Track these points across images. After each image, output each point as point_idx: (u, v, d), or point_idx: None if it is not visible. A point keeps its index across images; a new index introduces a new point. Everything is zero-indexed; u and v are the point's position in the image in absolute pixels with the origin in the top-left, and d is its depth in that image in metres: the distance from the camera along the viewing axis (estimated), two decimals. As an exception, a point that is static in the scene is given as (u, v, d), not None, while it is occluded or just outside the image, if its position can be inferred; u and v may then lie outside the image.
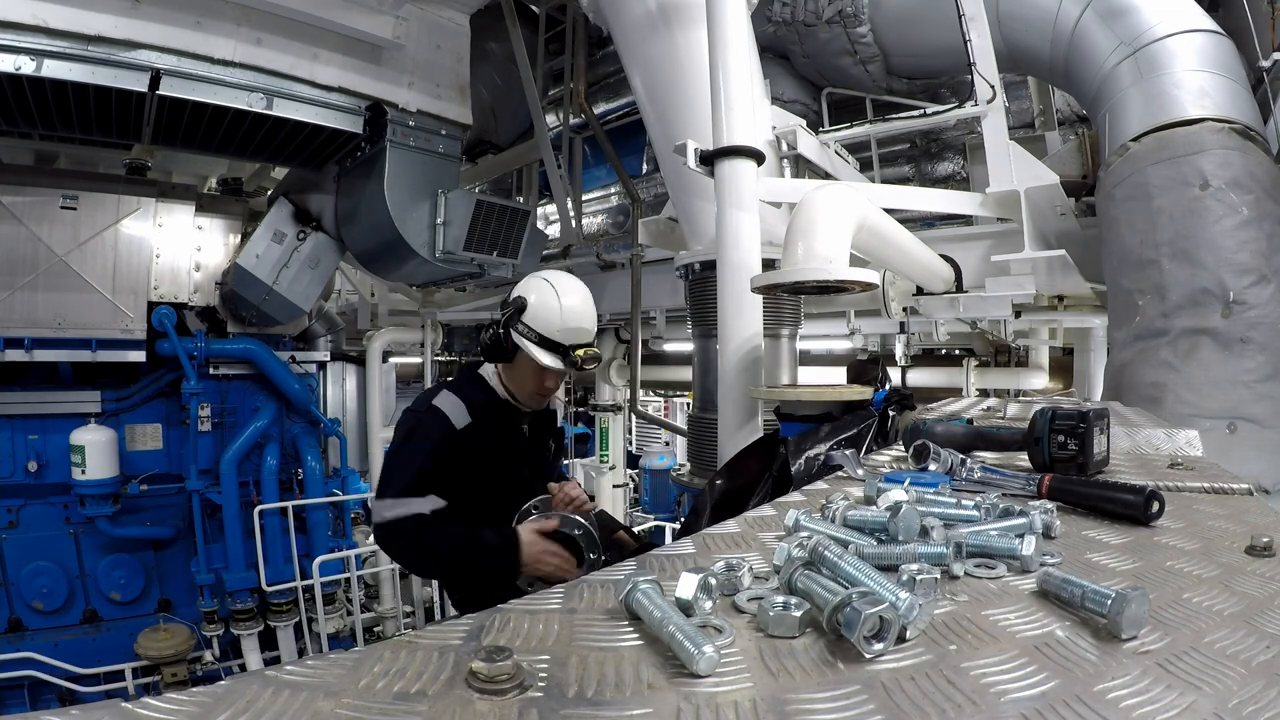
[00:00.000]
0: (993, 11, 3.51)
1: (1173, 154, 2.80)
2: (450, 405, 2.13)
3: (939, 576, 0.71)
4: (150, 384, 6.44)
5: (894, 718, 0.49)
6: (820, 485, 1.31)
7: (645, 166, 7.27)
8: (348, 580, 6.74)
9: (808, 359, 6.56)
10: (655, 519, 10.42)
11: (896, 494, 1.00)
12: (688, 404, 11.20)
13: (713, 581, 0.69)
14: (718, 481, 2.10)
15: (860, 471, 1.34)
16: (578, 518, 2.09)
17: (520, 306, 2.15)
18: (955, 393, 5.73)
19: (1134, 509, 0.99)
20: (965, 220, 4.26)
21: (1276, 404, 2.60)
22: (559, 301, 2.15)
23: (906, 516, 0.85)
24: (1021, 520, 0.91)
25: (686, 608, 0.66)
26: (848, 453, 1.42)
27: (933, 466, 1.28)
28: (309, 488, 6.94)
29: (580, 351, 2.16)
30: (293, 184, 6.05)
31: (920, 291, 3.91)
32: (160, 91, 3.99)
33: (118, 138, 4.71)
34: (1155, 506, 0.98)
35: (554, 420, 2.53)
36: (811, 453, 1.81)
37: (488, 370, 2.29)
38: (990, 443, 1.46)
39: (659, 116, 3.43)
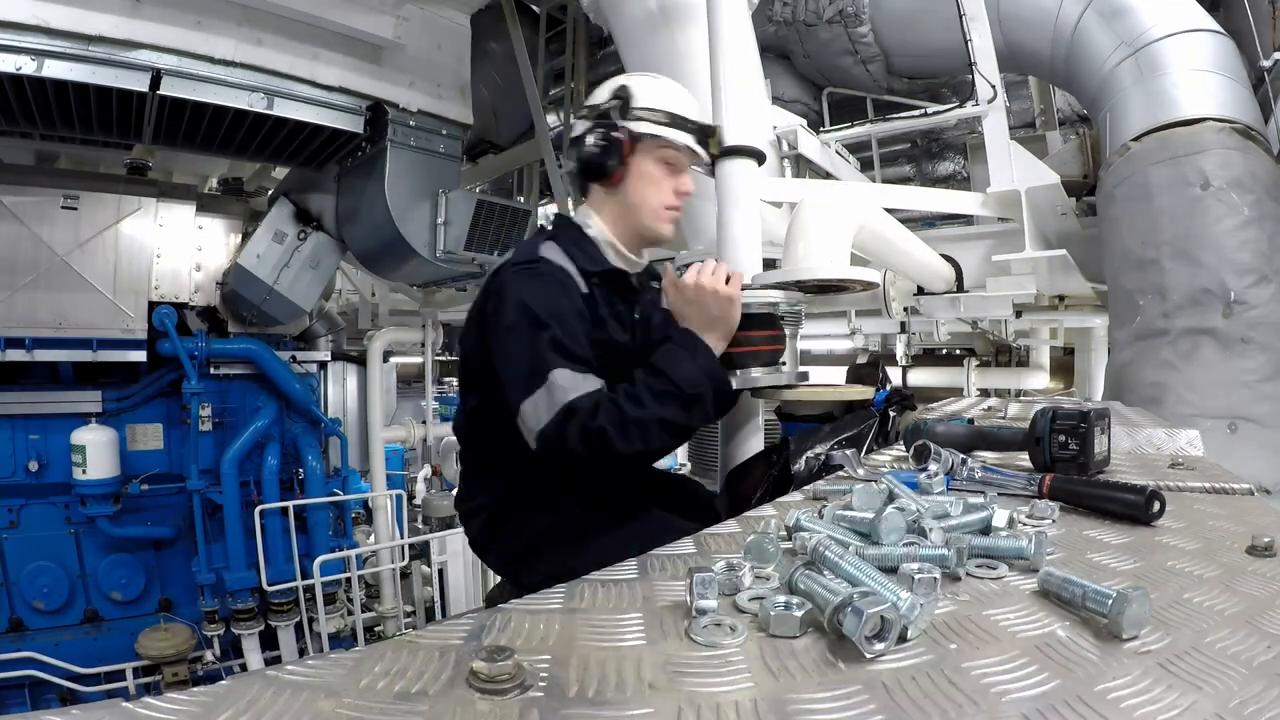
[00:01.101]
0: (993, 11, 3.51)
1: (1173, 154, 2.80)
2: (565, 262, 1.57)
3: (939, 576, 0.71)
4: (151, 384, 6.44)
5: (895, 718, 0.49)
6: (821, 485, 1.31)
7: (646, 166, 7.25)
8: (348, 580, 6.74)
9: (808, 359, 6.56)
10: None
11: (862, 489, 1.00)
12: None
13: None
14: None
15: (861, 471, 1.34)
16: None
17: (625, 95, 1.62)
18: (956, 392, 5.73)
19: (1135, 509, 0.99)
20: (966, 220, 4.26)
21: (1277, 404, 2.60)
22: (669, 81, 1.70)
23: (890, 518, 0.84)
24: (985, 513, 0.91)
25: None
26: (848, 452, 1.42)
27: (933, 466, 1.28)
28: (310, 487, 6.94)
29: (713, 138, 1.69)
30: (293, 184, 6.05)
31: (921, 291, 3.91)
32: (161, 91, 3.99)
33: (118, 138, 4.70)
34: (1156, 506, 0.98)
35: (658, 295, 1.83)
36: (812, 453, 1.81)
37: (590, 222, 1.69)
38: (991, 443, 1.45)
39: (659, 116, 3.43)
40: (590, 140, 1.64)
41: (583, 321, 1.52)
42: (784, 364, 1.81)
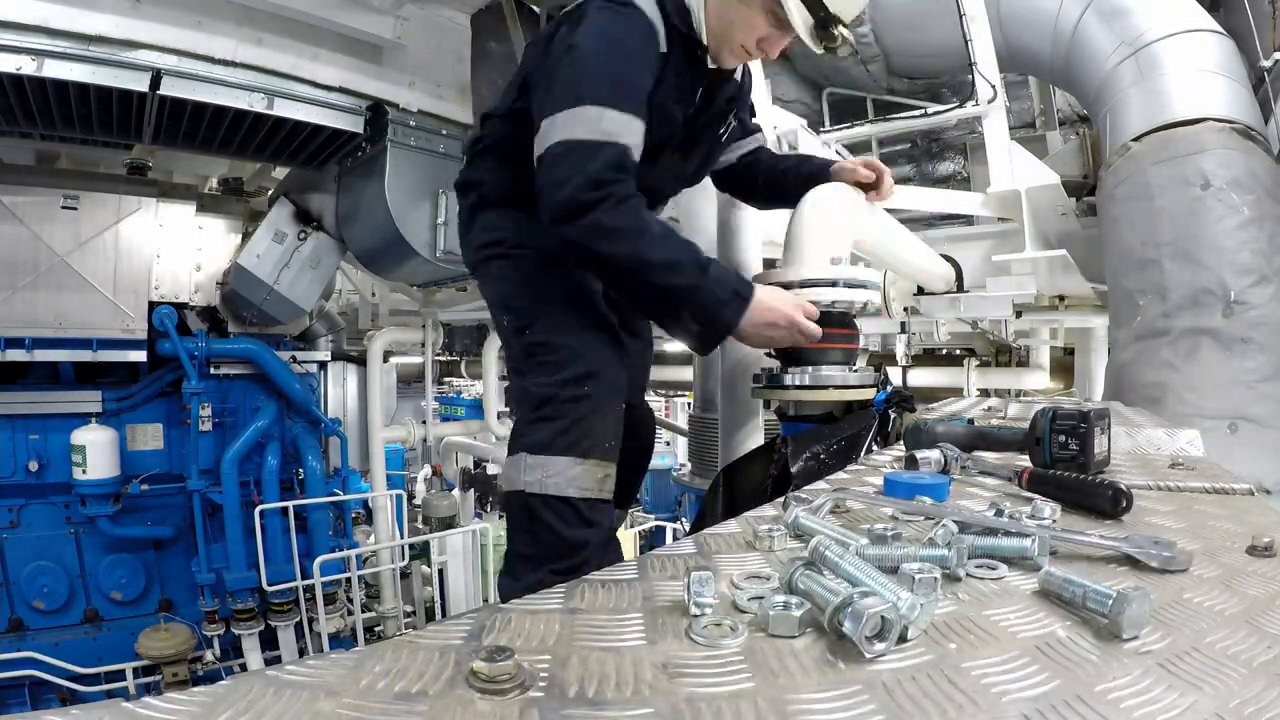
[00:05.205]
0: (993, 11, 3.51)
1: (1174, 154, 2.80)
2: (654, 13, 1.46)
3: (939, 576, 0.71)
4: (151, 384, 6.44)
5: (895, 718, 0.49)
6: (821, 485, 1.31)
7: (646, 166, 7.25)
8: (348, 580, 6.74)
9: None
10: (656, 519, 10.43)
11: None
12: (688, 404, 11.19)
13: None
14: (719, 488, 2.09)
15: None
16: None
17: None
18: (956, 393, 5.73)
19: (1103, 501, 1.02)
20: (966, 220, 4.26)
21: (1277, 404, 2.60)
22: None
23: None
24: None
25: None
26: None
27: (926, 469, 1.29)
28: (310, 487, 6.94)
29: (844, 28, 1.47)
30: (293, 184, 6.05)
31: (921, 291, 3.91)
32: (161, 91, 3.99)
33: (118, 138, 4.70)
34: (1124, 503, 1.00)
35: (739, 86, 1.76)
36: (811, 453, 1.81)
37: None
38: (991, 443, 1.46)
39: (659, 116, 3.43)
40: None
41: (647, 76, 1.44)
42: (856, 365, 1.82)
